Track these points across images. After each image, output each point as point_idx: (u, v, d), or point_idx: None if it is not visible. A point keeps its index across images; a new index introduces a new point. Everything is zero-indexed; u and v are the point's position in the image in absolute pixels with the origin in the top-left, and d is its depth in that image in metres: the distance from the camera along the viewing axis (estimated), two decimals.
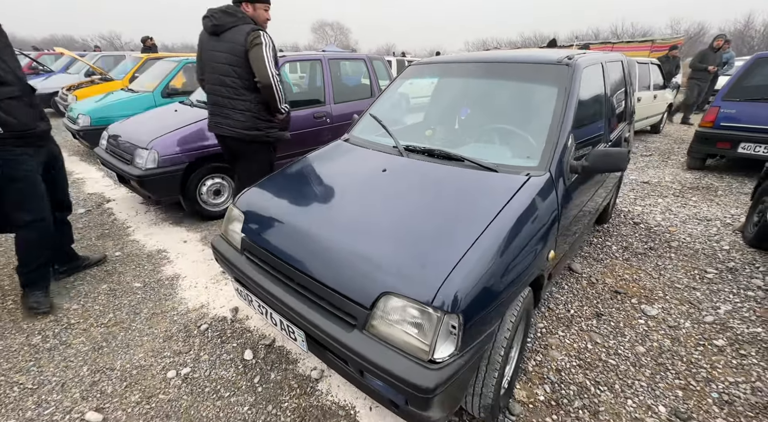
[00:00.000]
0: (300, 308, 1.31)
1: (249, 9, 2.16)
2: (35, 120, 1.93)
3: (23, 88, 1.87)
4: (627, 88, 2.76)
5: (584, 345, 1.88)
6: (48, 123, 2.02)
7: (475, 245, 1.20)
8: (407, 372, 1.05)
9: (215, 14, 2.13)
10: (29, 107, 1.91)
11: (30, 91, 1.92)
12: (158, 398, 1.54)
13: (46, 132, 2.02)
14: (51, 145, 2.10)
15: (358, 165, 1.82)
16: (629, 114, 2.85)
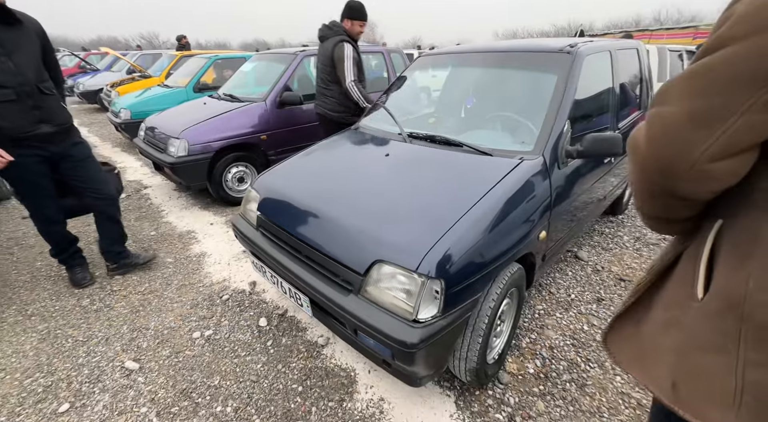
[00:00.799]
0: (305, 276, 1.47)
1: (347, 24, 2.86)
2: (33, 123, 1.88)
3: (27, 92, 1.83)
4: (643, 77, 2.72)
5: (580, 327, 1.94)
6: (54, 126, 1.96)
7: (462, 220, 1.30)
8: (394, 329, 1.18)
9: (322, 28, 2.93)
10: (31, 110, 1.86)
11: (38, 93, 1.88)
12: (185, 354, 1.77)
13: (48, 135, 1.94)
14: (60, 147, 2.02)
15: (364, 150, 1.95)
16: (646, 104, 2.80)
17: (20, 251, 2.76)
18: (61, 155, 2.05)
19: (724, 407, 0.55)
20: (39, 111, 1.90)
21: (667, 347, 0.63)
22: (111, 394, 1.55)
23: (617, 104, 2.21)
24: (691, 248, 0.65)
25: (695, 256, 0.62)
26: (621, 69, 2.31)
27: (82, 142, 2.17)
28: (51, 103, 1.96)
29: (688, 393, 0.59)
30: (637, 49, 2.67)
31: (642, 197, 0.66)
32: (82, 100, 9.87)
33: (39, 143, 1.94)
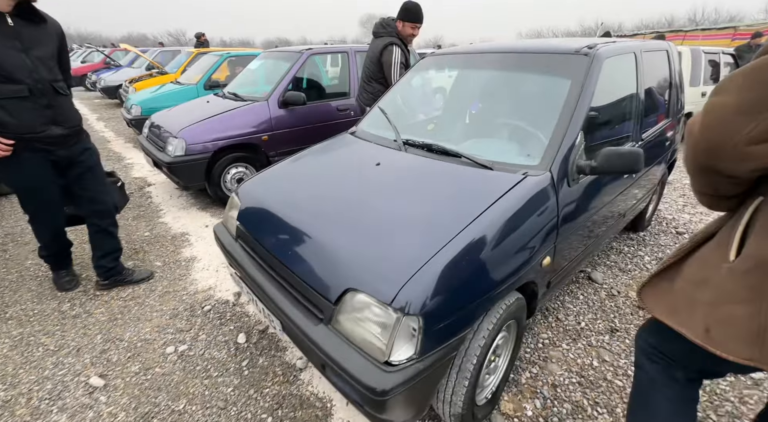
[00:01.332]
0: (277, 298, 1.32)
1: (399, 25, 2.85)
2: (45, 123, 1.79)
3: (39, 89, 1.75)
4: (673, 82, 2.46)
5: (589, 362, 1.73)
6: (66, 128, 1.87)
7: (449, 245, 1.13)
8: (361, 371, 1.02)
9: (376, 23, 2.95)
10: (42, 109, 1.77)
11: (52, 91, 1.79)
12: (155, 371, 1.65)
13: (59, 137, 1.85)
14: (68, 151, 1.92)
15: (354, 159, 1.80)
16: (675, 111, 2.54)
17: (14, 248, 2.73)
18: (70, 160, 1.95)
19: (750, 344, 0.69)
20: (51, 111, 1.82)
21: (700, 300, 0.76)
22: (69, 415, 1.45)
23: (641, 112, 1.98)
24: (731, 220, 0.78)
25: (733, 226, 0.76)
26: (647, 73, 2.08)
27: (92, 148, 2.08)
28: (64, 103, 1.88)
29: (720, 336, 0.72)
30: (667, 51, 2.42)
31: (693, 175, 0.81)
32: (103, 95, 10.08)
33: (48, 145, 1.84)
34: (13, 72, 1.68)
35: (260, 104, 3.46)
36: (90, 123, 7.60)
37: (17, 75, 1.70)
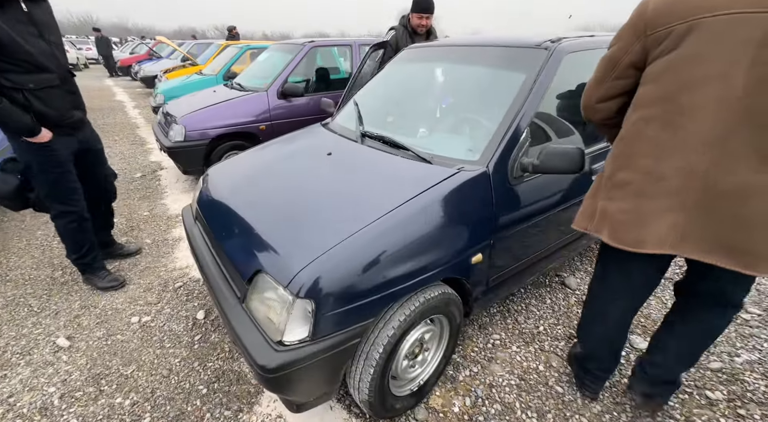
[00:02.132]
0: (212, 277, 1.40)
1: (410, 16, 2.94)
2: (71, 109, 1.85)
3: (63, 76, 1.78)
4: None
5: (535, 366, 1.68)
6: (83, 112, 1.95)
7: (357, 234, 1.15)
8: (255, 349, 1.07)
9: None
10: (67, 95, 1.82)
11: (70, 76, 1.84)
12: (115, 337, 1.79)
13: (80, 121, 1.93)
14: (84, 134, 1.98)
15: (310, 148, 1.84)
16: None
17: (31, 220, 3.02)
18: (87, 144, 2.00)
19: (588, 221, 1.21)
20: (72, 96, 1.85)
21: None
22: (32, 369, 1.61)
23: None
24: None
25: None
26: None
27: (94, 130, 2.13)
28: (77, 87, 1.90)
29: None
30: None
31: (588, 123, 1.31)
32: (143, 84, 10.75)
33: (73, 130, 1.89)
34: (44, 61, 1.67)
35: (260, 94, 3.57)
36: (126, 110, 8.13)
37: (47, 63, 1.68)
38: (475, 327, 1.92)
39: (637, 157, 1.03)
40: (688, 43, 0.91)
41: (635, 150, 1.04)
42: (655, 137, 0.99)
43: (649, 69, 1.00)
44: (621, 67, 1.06)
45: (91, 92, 10.27)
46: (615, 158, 1.10)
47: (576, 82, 1.77)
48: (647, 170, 1.00)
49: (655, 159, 0.99)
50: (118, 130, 6.20)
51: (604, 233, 1.10)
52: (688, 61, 0.92)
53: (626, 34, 1.04)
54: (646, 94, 1.01)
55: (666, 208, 0.98)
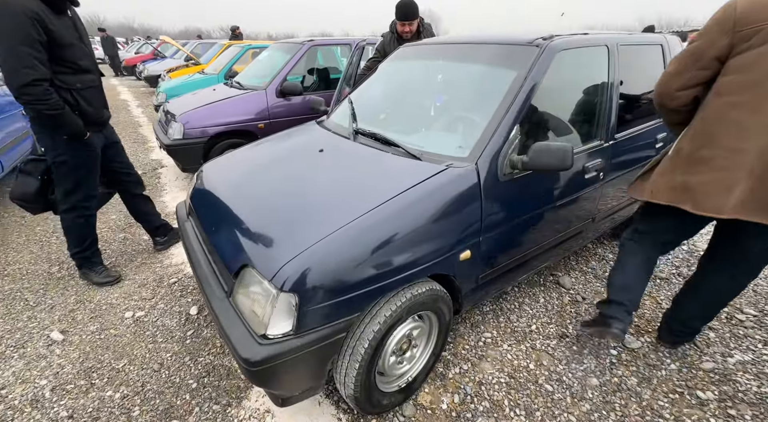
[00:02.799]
0: (201, 272, 1.41)
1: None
2: (104, 107, 1.97)
3: (98, 76, 1.92)
4: None
5: (525, 365, 1.68)
6: (108, 109, 2.04)
7: (345, 228, 1.15)
8: (239, 342, 1.07)
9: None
10: (101, 94, 1.95)
11: (100, 77, 1.96)
12: (109, 332, 1.81)
13: (108, 119, 2.07)
14: (107, 130, 2.11)
15: (304, 145, 1.84)
16: None
17: (32, 217, 3.05)
18: (109, 138, 2.11)
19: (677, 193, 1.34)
20: (103, 94, 1.99)
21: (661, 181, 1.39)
22: (25, 362, 1.63)
23: (612, 110, 1.85)
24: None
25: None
26: (627, 68, 1.94)
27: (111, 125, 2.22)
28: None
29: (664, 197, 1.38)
30: (662, 45, 2.24)
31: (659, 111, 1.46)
32: (147, 84, 10.82)
33: (102, 126, 2.02)
34: (87, 63, 1.80)
35: (258, 93, 3.59)
36: (130, 109, 8.20)
37: (89, 65, 1.81)
38: (467, 324, 1.92)
39: (721, 136, 1.22)
40: None
41: (718, 131, 1.23)
42: (739, 119, 1.18)
43: (733, 61, 1.18)
44: (706, 59, 1.23)
45: None
46: (694, 138, 1.29)
47: (569, 79, 1.77)
48: (731, 148, 1.20)
49: (738, 139, 1.19)
50: (120, 128, 6.25)
51: (687, 205, 1.29)
52: None
53: (713, 31, 1.21)
54: (733, 82, 1.19)
55: (741, 179, 1.18)
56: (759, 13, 1.12)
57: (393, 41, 2.94)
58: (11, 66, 1.56)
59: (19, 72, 1.55)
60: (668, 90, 1.34)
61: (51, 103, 1.65)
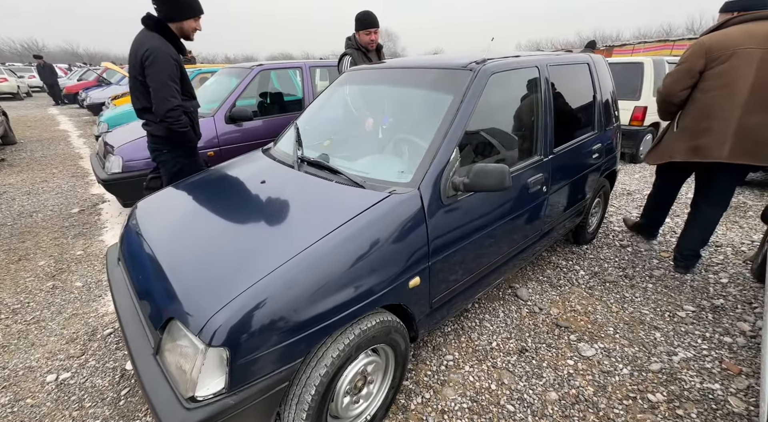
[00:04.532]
0: (130, 326, 1.27)
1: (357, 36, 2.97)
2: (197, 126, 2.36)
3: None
4: (597, 94, 2.45)
5: (487, 385, 1.65)
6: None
7: (281, 268, 1.08)
8: (161, 406, 0.96)
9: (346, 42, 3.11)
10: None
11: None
12: (25, 402, 1.58)
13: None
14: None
15: (245, 176, 1.76)
16: (603, 123, 2.51)
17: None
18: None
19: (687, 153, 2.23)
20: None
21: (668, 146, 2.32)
22: None
23: (549, 126, 1.94)
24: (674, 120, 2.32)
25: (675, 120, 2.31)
26: (560, 86, 2.06)
27: None
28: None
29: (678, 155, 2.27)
30: (588, 63, 2.41)
31: (660, 108, 2.37)
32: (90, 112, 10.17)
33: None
34: (193, 92, 2.25)
35: (206, 120, 3.44)
36: (70, 140, 7.63)
37: (194, 93, 2.26)
38: (429, 348, 1.88)
39: (713, 115, 2.07)
40: (733, 60, 1.98)
41: (711, 112, 2.08)
42: (722, 104, 2.03)
43: (709, 72, 2.05)
44: (693, 72, 2.10)
45: (29, 122, 9.59)
46: (695, 118, 2.14)
47: (504, 100, 1.83)
48: (721, 120, 2.04)
49: (723, 115, 2.03)
50: (58, 162, 5.78)
51: (699, 157, 2.14)
52: (734, 68, 1.98)
53: (694, 57, 2.08)
54: (713, 84, 2.05)
55: (728, 137, 2.03)
56: (720, 45, 2.01)
57: (361, 56, 2.97)
58: (162, 96, 2.00)
59: (168, 100, 2.00)
60: (673, 92, 2.19)
61: (183, 122, 2.09)
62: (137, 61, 2.00)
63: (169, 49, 2.02)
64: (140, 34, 2.05)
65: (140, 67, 2.00)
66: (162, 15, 2.03)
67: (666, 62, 5.28)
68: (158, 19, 2.04)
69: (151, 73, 1.97)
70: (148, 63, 1.96)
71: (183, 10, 2.06)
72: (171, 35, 2.06)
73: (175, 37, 2.08)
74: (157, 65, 1.95)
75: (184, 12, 2.07)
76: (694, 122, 2.13)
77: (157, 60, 1.95)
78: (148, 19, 2.04)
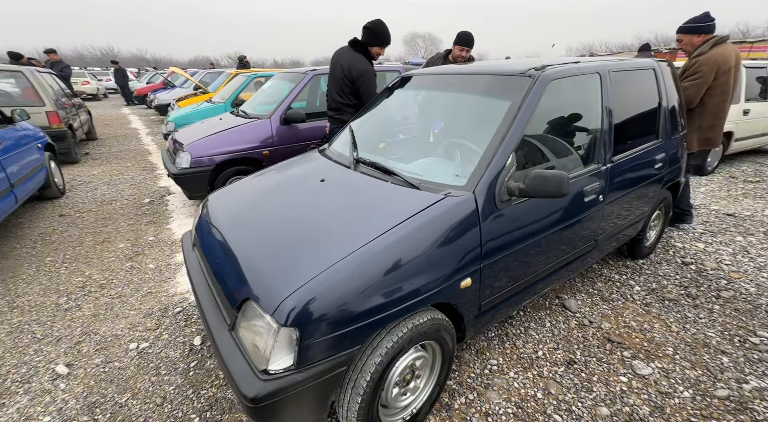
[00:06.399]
0: (207, 305, 1.42)
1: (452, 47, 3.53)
2: None
3: None
4: (662, 102, 2.32)
5: (533, 393, 1.64)
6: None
7: (345, 260, 1.17)
8: (240, 378, 1.08)
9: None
10: None
11: None
12: (113, 364, 1.81)
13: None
14: None
15: (306, 174, 1.89)
16: (668, 132, 2.38)
17: (41, 246, 3.11)
18: None
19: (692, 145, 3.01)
20: None
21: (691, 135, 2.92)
22: (30, 397, 1.63)
23: (609, 134, 1.89)
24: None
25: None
26: (621, 93, 1.99)
27: None
28: None
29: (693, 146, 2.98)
30: (654, 69, 2.29)
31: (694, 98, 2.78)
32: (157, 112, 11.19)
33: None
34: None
35: (263, 121, 3.70)
36: (140, 137, 8.44)
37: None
38: (472, 351, 1.89)
39: (720, 115, 2.79)
40: (728, 73, 2.66)
41: (718, 113, 2.78)
42: (725, 107, 2.76)
43: (715, 82, 2.67)
44: (708, 84, 2.67)
45: (107, 120, 10.73)
46: (706, 118, 2.80)
47: (563, 107, 1.81)
48: (723, 118, 2.79)
49: (724, 114, 2.79)
50: (131, 156, 6.43)
51: (712, 146, 2.90)
52: (728, 79, 2.68)
53: (711, 73, 2.65)
54: (716, 91, 2.70)
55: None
56: (723, 62, 2.63)
57: (439, 62, 3.37)
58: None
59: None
60: (695, 101, 2.76)
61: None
62: (348, 73, 2.78)
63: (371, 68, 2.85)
64: (346, 51, 2.87)
65: (350, 78, 2.79)
66: (365, 40, 2.84)
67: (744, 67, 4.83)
68: (363, 43, 2.85)
69: (363, 88, 2.82)
70: (362, 80, 2.79)
71: (378, 39, 2.87)
72: (368, 55, 2.89)
73: (369, 56, 2.91)
74: (370, 83, 2.82)
75: (379, 40, 2.87)
76: (705, 122, 2.79)
77: (370, 79, 2.82)
78: (356, 42, 2.85)
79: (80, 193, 4.49)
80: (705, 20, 2.69)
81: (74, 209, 3.96)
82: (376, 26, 2.96)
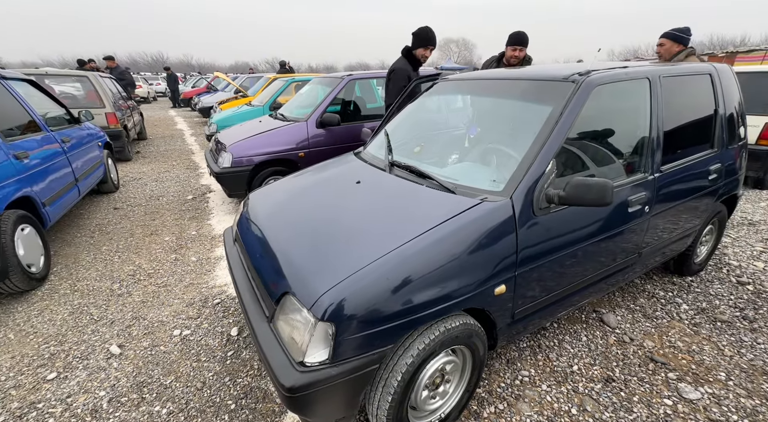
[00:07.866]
0: (247, 297, 1.50)
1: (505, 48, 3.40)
2: None
3: None
4: (719, 109, 2.18)
5: (567, 409, 1.58)
6: None
7: (381, 259, 1.20)
8: (278, 368, 1.13)
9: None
10: None
11: None
12: (159, 348, 1.94)
13: None
14: None
15: (342, 176, 1.94)
16: (724, 141, 2.23)
17: (98, 236, 3.39)
18: None
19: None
20: None
21: None
22: (88, 373, 1.78)
23: (657, 142, 1.80)
24: None
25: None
26: (673, 100, 1.89)
27: None
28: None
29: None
30: (710, 74, 2.16)
31: None
32: (200, 114, 11.86)
33: None
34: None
35: (300, 124, 3.84)
36: (185, 137, 8.96)
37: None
38: (503, 360, 1.85)
39: None
40: None
41: None
42: None
43: None
44: None
45: (155, 121, 11.50)
46: None
47: (609, 113, 1.75)
48: None
49: None
50: (176, 155, 6.85)
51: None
52: None
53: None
54: None
55: None
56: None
57: (493, 66, 3.37)
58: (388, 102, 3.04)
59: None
60: None
61: None
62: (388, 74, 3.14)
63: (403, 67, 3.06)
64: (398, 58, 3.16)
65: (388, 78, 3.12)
66: (411, 45, 3.09)
67: None
68: (408, 48, 3.08)
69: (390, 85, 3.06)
70: (390, 77, 3.06)
71: (420, 41, 3.06)
72: (412, 58, 3.10)
73: (414, 60, 3.11)
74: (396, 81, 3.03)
75: (422, 42, 3.05)
76: None
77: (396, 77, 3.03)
78: (404, 48, 3.09)
79: (132, 188, 4.85)
80: (688, 33, 2.99)
81: (126, 203, 4.28)
82: (420, 30, 3.12)
